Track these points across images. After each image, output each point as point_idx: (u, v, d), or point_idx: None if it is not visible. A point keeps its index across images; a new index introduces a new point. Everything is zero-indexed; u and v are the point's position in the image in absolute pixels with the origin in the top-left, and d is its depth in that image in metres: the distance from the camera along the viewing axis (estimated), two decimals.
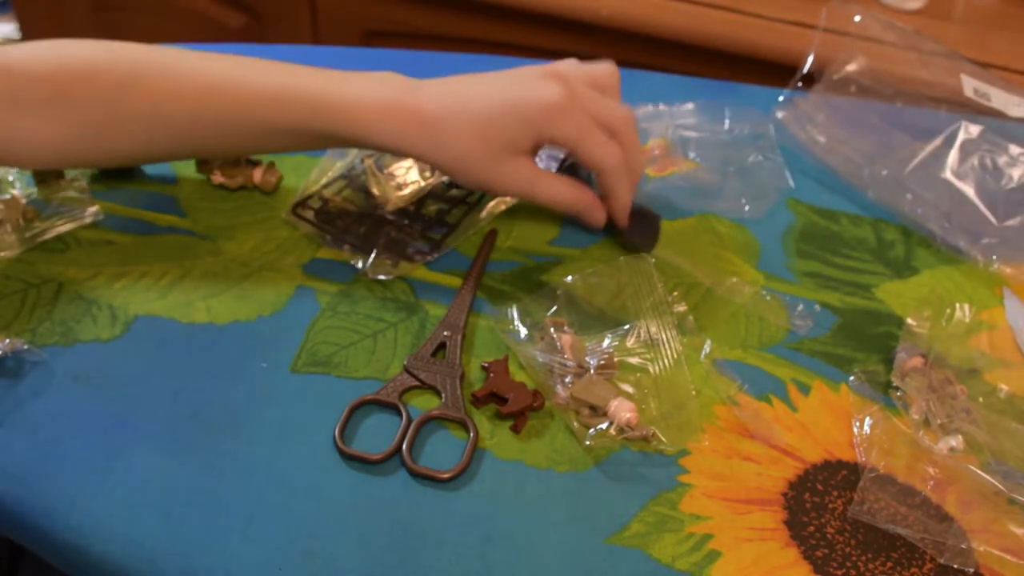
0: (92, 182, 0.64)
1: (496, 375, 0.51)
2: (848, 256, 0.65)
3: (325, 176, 0.65)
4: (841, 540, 0.46)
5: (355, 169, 0.66)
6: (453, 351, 0.53)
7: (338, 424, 0.48)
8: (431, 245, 0.61)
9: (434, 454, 0.48)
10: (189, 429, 0.48)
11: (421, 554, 0.43)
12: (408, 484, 0.47)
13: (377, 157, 0.66)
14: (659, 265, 0.62)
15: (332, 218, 0.62)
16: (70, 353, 0.52)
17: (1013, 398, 0.55)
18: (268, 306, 0.56)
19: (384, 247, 0.60)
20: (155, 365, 0.52)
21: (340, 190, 0.64)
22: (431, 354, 0.53)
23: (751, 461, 0.49)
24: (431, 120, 0.54)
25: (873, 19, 0.78)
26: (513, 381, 0.51)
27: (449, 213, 0.63)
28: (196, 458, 0.47)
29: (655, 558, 0.44)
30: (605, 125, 0.57)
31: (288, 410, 0.50)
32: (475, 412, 0.51)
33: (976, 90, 0.74)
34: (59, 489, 0.45)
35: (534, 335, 0.54)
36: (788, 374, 0.55)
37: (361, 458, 0.47)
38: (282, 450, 0.48)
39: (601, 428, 0.49)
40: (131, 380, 0.51)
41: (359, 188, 0.64)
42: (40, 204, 0.61)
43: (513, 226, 0.64)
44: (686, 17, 1.21)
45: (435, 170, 0.63)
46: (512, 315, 0.56)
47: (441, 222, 0.62)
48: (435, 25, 1.39)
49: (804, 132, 0.75)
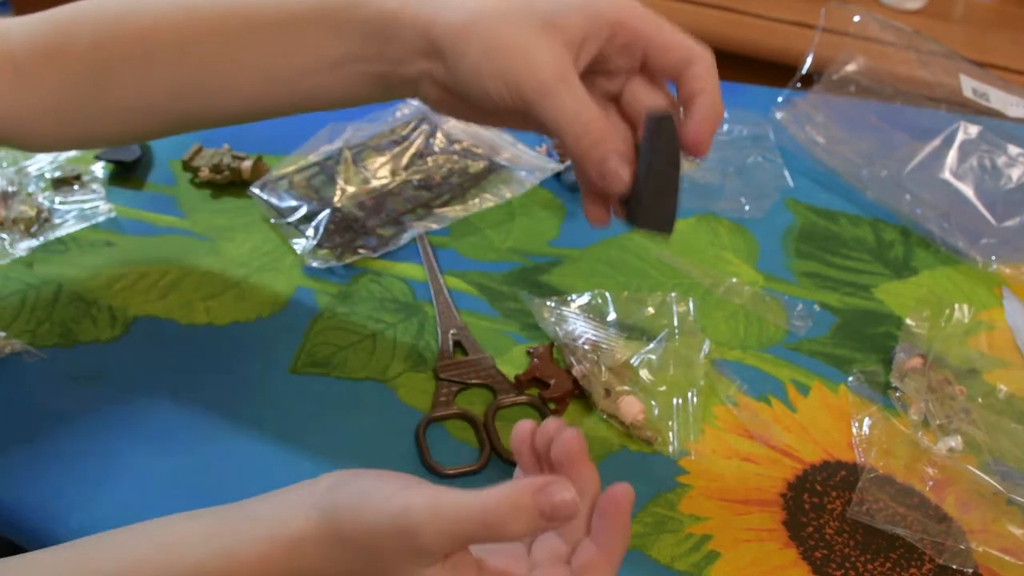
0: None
1: (540, 360, 0.53)
2: (847, 256, 0.65)
3: (302, 161, 0.66)
4: (840, 540, 0.46)
5: (331, 158, 0.66)
6: (473, 347, 0.54)
7: (422, 453, 0.48)
8: (379, 241, 0.61)
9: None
10: (189, 429, 0.48)
11: None
12: None
13: (357, 150, 0.67)
14: (659, 265, 0.62)
15: (288, 200, 0.62)
16: (70, 353, 0.52)
17: (1012, 398, 0.55)
18: (268, 307, 0.56)
19: (329, 235, 0.60)
20: (155, 366, 0.52)
21: (311, 176, 0.65)
22: (452, 355, 0.53)
23: (750, 462, 0.49)
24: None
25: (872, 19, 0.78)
26: (556, 367, 0.52)
27: (413, 211, 0.63)
28: (196, 458, 0.47)
29: (654, 558, 0.44)
30: None
31: (288, 410, 0.50)
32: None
33: (975, 90, 0.74)
34: (59, 489, 0.45)
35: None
36: (787, 374, 0.55)
37: (466, 472, 0.47)
38: (282, 450, 0.48)
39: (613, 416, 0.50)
40: (131, 380, 0.51)
41: (329, 177, 0.65)
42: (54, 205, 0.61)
43: (513, 226, 0.64)
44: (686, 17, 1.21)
45: (408, 167, 0.63)
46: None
47: (396, 221, 0.63)
48: None
49: (803, 132, 0.75)
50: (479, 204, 0.65)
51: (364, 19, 0.45)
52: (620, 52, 0.45)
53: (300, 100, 0.50)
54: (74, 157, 0.65)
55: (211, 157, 0.65)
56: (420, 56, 0.45)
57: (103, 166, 0.65)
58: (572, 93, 0.43)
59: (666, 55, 0.45)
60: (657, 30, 0.45)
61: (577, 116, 0.42)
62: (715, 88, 0.45)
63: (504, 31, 0.43)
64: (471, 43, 0.43)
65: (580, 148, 0.43)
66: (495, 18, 0.43)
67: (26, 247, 0.58)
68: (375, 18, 0.45)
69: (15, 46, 0.49)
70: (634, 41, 0.45)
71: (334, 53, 0.47)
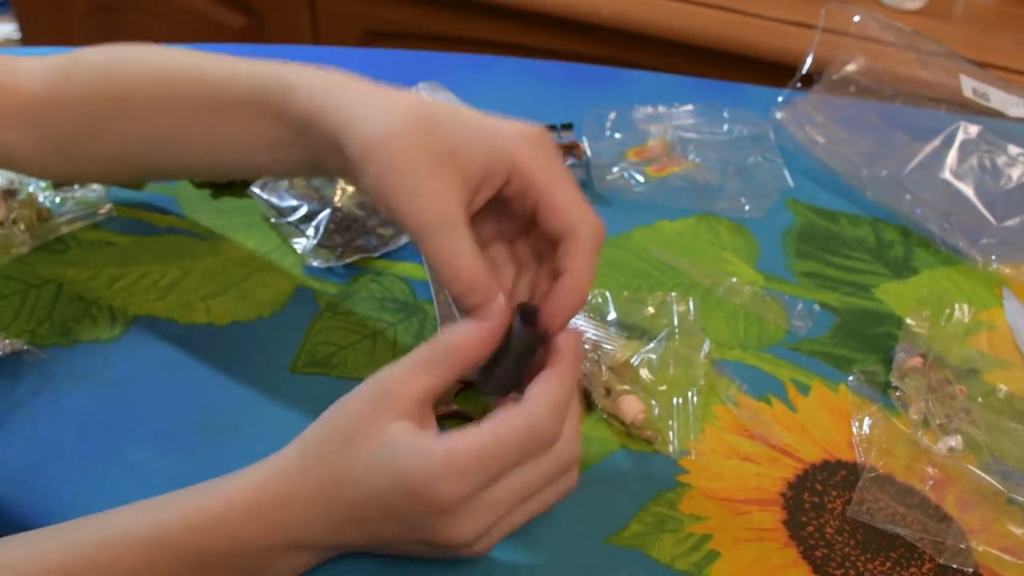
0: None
1: None
2: (847, 256, 0.65)
3: None
4: (840, 540, 0.46)
5: None
6: None
7: None
8: (379, 240, 0.61)
9: None
10: (188, 429, 0.48)
11: None
12: None
13: None
14: (659, 265, 0.62)
15: (288, 199, 0.62)
16: (70, 353, 0.52)
17: (1012, 398, 0.55)
18: (268, 307, 0.56)
19: (330, 235, 0.60)
20: (155, 366, 0.52)
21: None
22: None
23: (750, 461, 0.49)
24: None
25: (872, 19, 0.78)
26: None
27: None
28: (196, 458, 0.47)
29: (654, 558, 0.44)
30: None
31: (288, 410, 0.50)
32: None
33: (975, 90, 0.74)
34: (59, 489, 0.45)
35: None
36: (787, 374, 0.55)
37: None
38: None
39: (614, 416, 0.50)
40: (131, 380, 0.51)
41: (330, 178, 0.65)
42: (54, 204, 0.61)
43: None
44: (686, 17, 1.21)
45: None
46: None
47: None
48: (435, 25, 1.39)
49: (803, 132, 0.75)
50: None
51: (293, 109, 0.46)
52: (518, 197, 0.44)
53: (247, 171, 0.52)
54: None
55: None
56: (334, 155, 0.45)
57: None
58: (450, 239, 0.41)
59: (549, 219, 0.43)
60: (546, 187, 0.43)
61: (450, 263, 0.41)
62: (582, 268, 0.43)
63: (400, 160, 0.42)
64: (369, 164, 0.42)
65: (452, 293, 0.42)
66: (396, 141, 0.42)
67: (26, 246, 0.58)
68: (300, 112, 0.46)
69: (35, 87, 0.53)
70: (527, 191, 0.43)
71: (268, 136, 0.48)
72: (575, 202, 0.43)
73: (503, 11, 1.30)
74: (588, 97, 0.78)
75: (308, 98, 0.45)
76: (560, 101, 0.77)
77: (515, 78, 0.80)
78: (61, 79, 0.53)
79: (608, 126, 0.74)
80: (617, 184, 0.68)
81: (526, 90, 0.79)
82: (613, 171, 0.69)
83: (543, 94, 0.79)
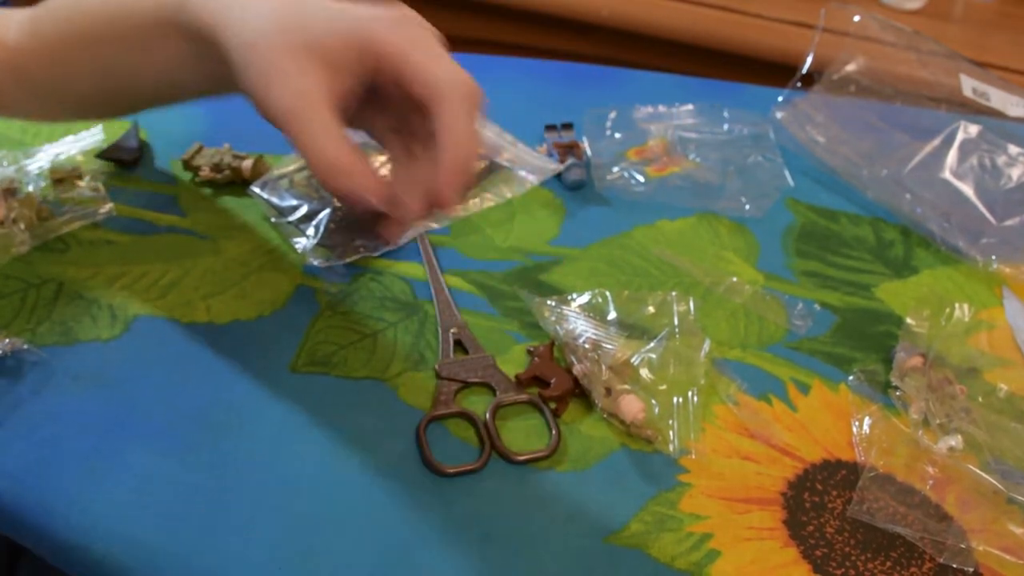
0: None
1: (541, 359, 0.53)
2: (847, 256, 0.65)
3: (303, 160, 0.66)
4: (840, 539, 0.46)
5: None
6: (474, 346, 0.54)
7: (423, 452, 0.48)
8: (379, 239, 0.61)
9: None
10: (189, 429, 0.48)
11: (420, 553, 0.43)
12: (407, 483, 0.47)
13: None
14: (659, 264, 0.62)
15: (288, 199, 0.62)
16: (70, 353, 0.52)
17: (1012, 397, 0.55)
18: (268, 305, 0.56)
19: (330, 234, 0.60)
20: (155, 365, 0.52)
21: (311, 175, 0.64)
22: (452, 354, 0.53)
23: (750, 460, 0.49)
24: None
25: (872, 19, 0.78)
26: (557, 366, 0.52)
27: None
28: (196, 458, 0.47)
29: (654, 557, 0.44)
30: None
31: (288, 410, 0.50)
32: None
33: (975, 90, 0.74)
34: (59, 489, 0.45)
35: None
36: (787, 373, 0.55)
37: (467, 471, 0.47)
38: (282, 450, 0.48)
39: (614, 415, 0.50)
40: (131, 380, 0.51)
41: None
42: (54, 203, 0.61)
43: (513, 226, 0.64)
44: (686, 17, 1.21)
45: None
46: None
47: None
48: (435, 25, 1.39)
49: (803, 132, 0.75)
50: (479, 204, 0.65)
51: (187, 23, 0.47)
52: (393, 84, 0.43)
53: (177, 93, 0.55)
54: (74, 156, 0.65)
55: (211, 156, 0.65)
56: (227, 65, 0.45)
57: (103, 165, 0.65)
58: (310, 123, 0.41)
59: (415, 88, 0.42)
60: (407, 56, 0.42)
61: (310, 145, 0.42)
62: (453, 130, 0.42)
63: (264, 59, 0.42)
64: (249, 68, 0.43)
65: (317, 177, 0.43)
66: (266, 40, 0.42)
67: (26, 246, 0.58)
68: (194, 25, 0.46)
69: (11, 37, 0.55)
70: (386, 68, 0.43)
71: (175, 53, 0.49)
72: (439, 66, 0.42)
73: (503, 11, 1.30)
74: (588, 97, 0.78)
75: (199, 9, 0.46)
76: (560, 101, 0.77)
77: (515, 78, 0.80)
78: (31, 27, 0.55)
79: (608, 126, 0.74)
80: (617, 184, 0.68)
81: (526, 90, 0.79)
82: (613, 171, 0.69)
83: (543, 94, 0.79)
